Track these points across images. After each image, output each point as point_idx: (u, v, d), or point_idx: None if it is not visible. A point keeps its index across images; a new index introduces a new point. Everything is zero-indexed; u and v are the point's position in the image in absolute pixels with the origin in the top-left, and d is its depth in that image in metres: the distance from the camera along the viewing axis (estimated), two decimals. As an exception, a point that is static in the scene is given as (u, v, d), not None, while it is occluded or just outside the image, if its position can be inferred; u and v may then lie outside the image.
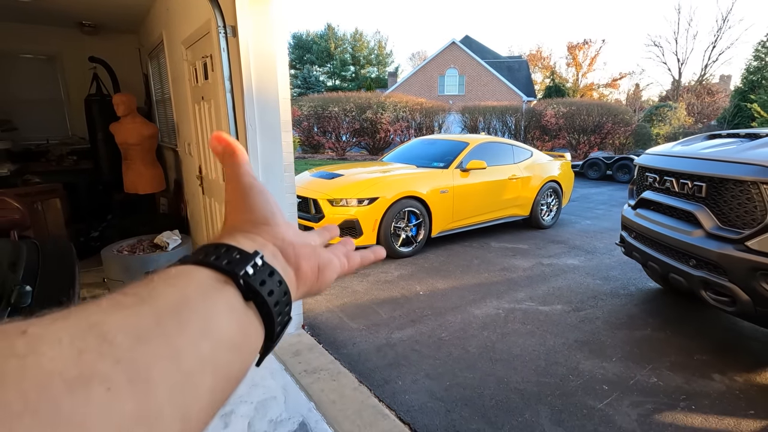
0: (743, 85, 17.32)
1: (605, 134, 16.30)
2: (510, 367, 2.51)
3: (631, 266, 4.21)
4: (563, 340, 2.83)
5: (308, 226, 4.36)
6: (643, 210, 3.13)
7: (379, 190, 4.37)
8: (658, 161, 3.01)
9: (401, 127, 16.39)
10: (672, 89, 30.03)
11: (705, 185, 2.53)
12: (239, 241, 0.30)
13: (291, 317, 0.31)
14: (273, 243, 0.33)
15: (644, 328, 3.01)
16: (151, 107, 5.03)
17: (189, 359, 0.22)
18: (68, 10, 4.15)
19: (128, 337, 0.20)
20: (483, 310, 3.28)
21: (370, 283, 3.82)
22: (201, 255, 0.28)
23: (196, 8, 2.82)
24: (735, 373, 2.47)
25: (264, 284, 0.28)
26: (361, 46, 38.94)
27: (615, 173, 11.02)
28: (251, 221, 0.33)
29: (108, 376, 0.18)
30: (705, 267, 2.50)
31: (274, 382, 2.27)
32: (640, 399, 2.24)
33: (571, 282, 3.89)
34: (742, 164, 2.33)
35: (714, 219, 2.47)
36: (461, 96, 25.66)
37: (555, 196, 6.06)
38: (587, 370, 2.49)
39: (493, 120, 17.31)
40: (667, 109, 18.46)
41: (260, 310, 0.28)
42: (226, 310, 0.25)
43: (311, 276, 0.35)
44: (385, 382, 2.37)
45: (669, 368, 2.51)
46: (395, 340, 2.83)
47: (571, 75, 36.70)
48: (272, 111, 2.46)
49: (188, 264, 0.27)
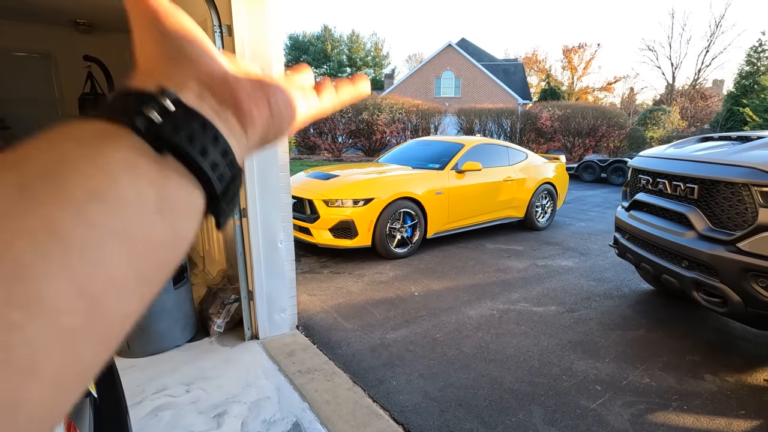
0: (736, 90, 17.51)
1: (600, 137, 16.42)
2: (504, 368, 2.52)
3: (624, 268, 4.24)
4: (557, 341, 2.84)
5: (302, 226, 4.36)
6: (636, 212, 3.16)
7: (374, 191, 4.37)
8: (651, 163, 3.04)
9: (397, 128, 16.42)
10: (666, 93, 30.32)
11: (697, 187, 2.55)
12: (146, 84, 0.24)
13: (239, 168, 0.26)
14: (197, 80, 0.25)
15: (637, 329, 3.03)
16: (146, 107, 5.01)
17: (74, 229, 0.18)
18: (63, 9, 4.13)
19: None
20: (477, 311, 3.29)
21: (365, 284, 3.82)
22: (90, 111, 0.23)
23: (192, 7, 2.82)
24: (726, 373, 2.50)
25: (179, 130, 0.22)
26: (358, 47, 39.00)
27: (609, 176, 11.10)
28: (167, 55, 0.25)
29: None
30: (697, 268, 2.53)
31: (267, 383, 2.26)
32: (632, 399, 2.25)
33: (566, 283, 3.91)
34: (733, 166, 2.36)
35: (706, 221, 2.50)
36: (457, 98, 25.76)
37: (550, 198, 6.09)
38: (581, 371, 2.50)
39: (489, 122, 17.38)
40: (661, 113, 18.63)
41: (184, 162, 0.23)
42: (121, 166, 0.20)
43: (260, 113, 0.27)
44: (380, 382, 2.37)
45: (661, 368, 2.53)
46: (390, 340, 2.83)
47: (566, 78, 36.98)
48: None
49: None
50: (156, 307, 2.43)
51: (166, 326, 2.50)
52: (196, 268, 4.02)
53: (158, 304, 2.44)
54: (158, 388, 2.17)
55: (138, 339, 2.44)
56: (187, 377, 2.28)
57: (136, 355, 2.44)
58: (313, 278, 3.97)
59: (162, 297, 2.45)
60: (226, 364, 2.42)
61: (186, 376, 2.29)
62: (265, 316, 2.68)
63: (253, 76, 0.28)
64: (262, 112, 0.27)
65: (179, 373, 2.31)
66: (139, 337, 2.44)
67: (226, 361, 2.46)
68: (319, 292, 3.64)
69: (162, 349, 2.51)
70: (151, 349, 2.48)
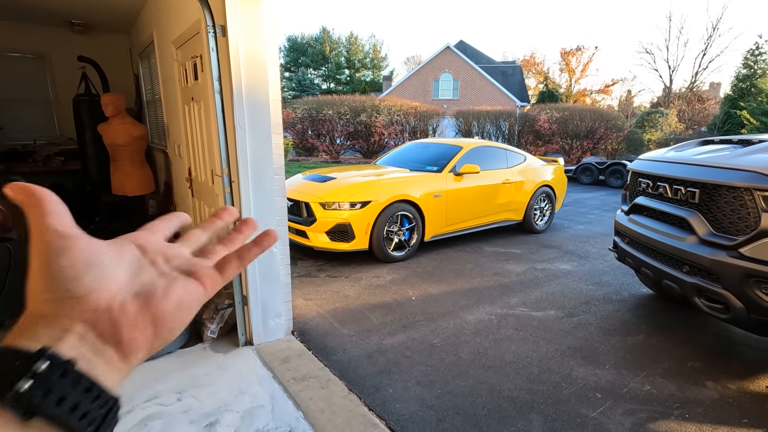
0: (733, 93, 17.57)
1: (598, 139, 16.43)
2: (502, 374, 2.48)
3: (623, 272, 4.20)
4: (556, 347, 2.80)
5: (299, 229, 4.31)
6: (636, 215, 3.12)
7: (372, 193, 4.33)
8: (651, 167, 3.00)
9: (395, 130, 16.38)
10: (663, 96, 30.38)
11: (698, 191, 2.52)
12: (31, 334, 0.25)
13: (116, 401, 0.27)
14: (82, 321, 0.26)
15: (637, 334, 2.99)
16: (142, 108, 4.96)
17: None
18: (58, 9, 4.09)
19: None
20: (476, 316, 3.24)
21: (362, 288, 3.77)
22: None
23: (186, 8, 2.78)
24: (728, 380, 2.46)
25: (49, 393, 0.23)
26: (356, 49, 38.98)
27: (607, 178, 11.08)
28: (54, 298, 0.26)
29: None
30: (698, 273, 2.49)
31: (261, 390, 2.21)
32: (633, 407, 2.21)
33: (564, 287, 3.87)
34: (735, 170, 2.33)
35: (707, 225, 2.46)
36: (455, 100, 25.76)
37: (548, 201, 6.06)
38: (580, 378, 2.46)
39: (487, 124, 17.38)
40: (659, 116, 18.66)
41: (52, 422, 0.23)
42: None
43: (144, 335, 0.28)
44: (376, 390, 2.32)
45: (662, 375, 2.49)
46: (386, 346, 2.78)
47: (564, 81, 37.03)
48: (262, 112, 2.42)
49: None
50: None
51: (158, 332, 2.45)
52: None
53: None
54: (149, 397, 2.12)
55: (129, 345, 2.39)
56: (179, 385, 2.23)
57: (127, 362, 2.39)
58: (310, 282, 3.92)
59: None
60: (219, 371, 2.37)
61: (177, 383, 2.24)
62: (260, 321, 2.63)
63: (143, 291, 0.29)
64: (146, 334, 0.28)
65: (170, 381, 2.25)
66: (130, 343, 2.39)
67: (219, 367, 2.41)
68: (315, 296, 3.59)
69: (153, 355, 2.45)
70: (143, 355, 2.43)
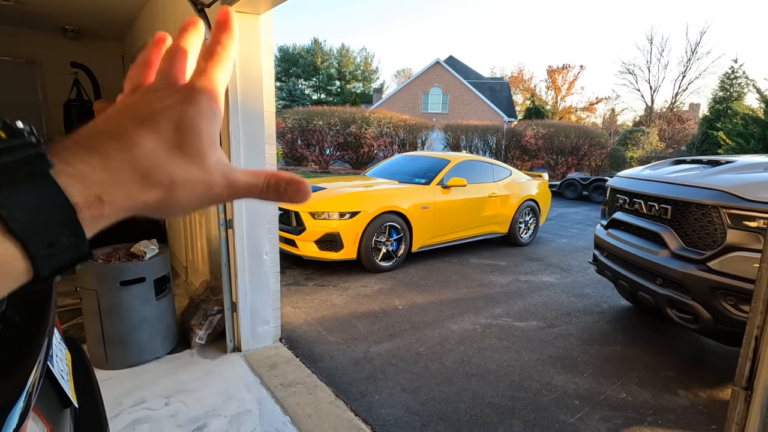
0: (710, 114, 18.23)
1: (582, 156, 16.86)
2: (485, 382, 2.55)
3: (604, 284, 4.34)
4: (537, 356, 2.89)
5: (288, 238, 4.36)
6: (614, 230, 3.26)
7: (361, 204, 4.41)
8: (628, 183, 3.15)
9: (385, 142, 16.57)
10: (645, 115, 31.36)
11: (670, 208, 2.66)
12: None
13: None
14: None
15: (615, 345, 3.10)
16: (133, 115, 4.97)
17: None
18: (51, 14, 4.12)
19: None
20: (460, 325, 3.32)
21: (350, 297, 3.83)
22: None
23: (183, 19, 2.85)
24: (699, 388, 2.57)
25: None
26: (347, 61, 39.42)
27: (591, 194, 11.37)
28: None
29: None
30: (670, 286, 2.62)
31: (249, 395, 2.24)
32: (609, 414, 2.30)
33: (547, 299, 3.98)
34: (703, 189, 2.48)
35: (678, 240, 2.60)
36: (444, 114, 26.17)
37: (533, 215, 6.21)
38: (560, 385, 2.54)
39: (475, 138, 17.70)
40: (641, 134, 19.25)
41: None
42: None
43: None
44: (362, 396, 2.37)
45: (637, 384, 2.60)
46: (373, 354, 2.83)
47: (550, 98, 37.97)
48: (257, 123, 2.49)
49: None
50: (136, 317, 2.40)
51: (146, 337, 2.46)
52: (179, 279, 3.97)
53: (139, 315, 2.41)
54: (136, 401, 2.13)
55: (117, 350, 2.40)
56: (167, 390, 2.24)
57: (114, 367, 2.40)
58: (298, 290, 3.96)
59: (143, 307, 2.42)
60: (207, 377, 2.39)
61: (165, 388, 2.26)
62: (248, 328, 2.66)
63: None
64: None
65: (158, 386, 2.27)
66: (118, 348, 2.40)
67: (207, 373, 2.43)
68: (303, 304, 3.63)
69: (141, 360, 2.47)
70: (130, 360, 2.44)
